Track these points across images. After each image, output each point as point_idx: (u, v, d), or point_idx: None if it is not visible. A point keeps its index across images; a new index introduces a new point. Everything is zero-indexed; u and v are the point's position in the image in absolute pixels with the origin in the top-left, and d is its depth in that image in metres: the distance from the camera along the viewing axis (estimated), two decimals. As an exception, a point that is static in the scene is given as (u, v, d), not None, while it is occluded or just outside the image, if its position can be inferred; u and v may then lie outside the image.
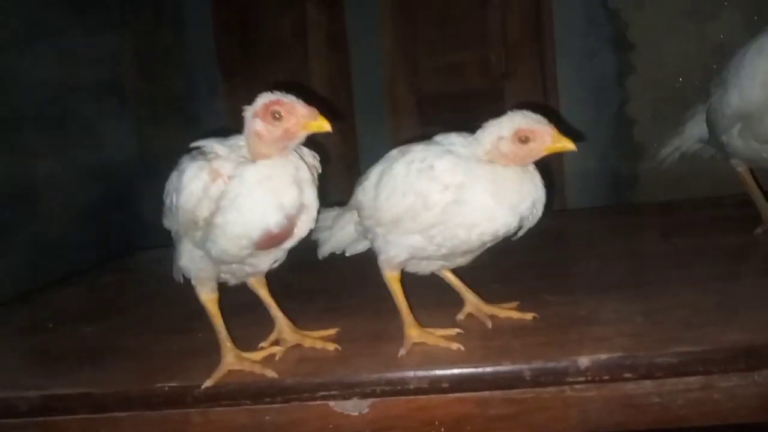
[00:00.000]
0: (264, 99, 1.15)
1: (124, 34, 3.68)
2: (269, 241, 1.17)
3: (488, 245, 1.26)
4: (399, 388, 1.13)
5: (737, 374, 1.10)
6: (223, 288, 1.33)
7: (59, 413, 1.19)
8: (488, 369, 1.13)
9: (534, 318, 1.32)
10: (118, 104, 3.67)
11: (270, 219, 1.14)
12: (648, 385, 1.12)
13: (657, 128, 2.22)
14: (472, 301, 1.38)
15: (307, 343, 1.31)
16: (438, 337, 1.25)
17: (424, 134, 3.67)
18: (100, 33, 3.51)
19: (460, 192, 1.17)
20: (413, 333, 1.25)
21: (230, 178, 1.14)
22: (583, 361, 1.10)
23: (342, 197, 1.55)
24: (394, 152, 1.30)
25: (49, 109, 2.80)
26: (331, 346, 1.28)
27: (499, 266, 1.45)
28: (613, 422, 1.16)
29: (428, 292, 1.39)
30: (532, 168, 1.21)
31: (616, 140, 2.82)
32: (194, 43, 4.09)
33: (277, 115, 1.12)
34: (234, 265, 1.26)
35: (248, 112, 1.16)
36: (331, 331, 1.36)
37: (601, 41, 2.76)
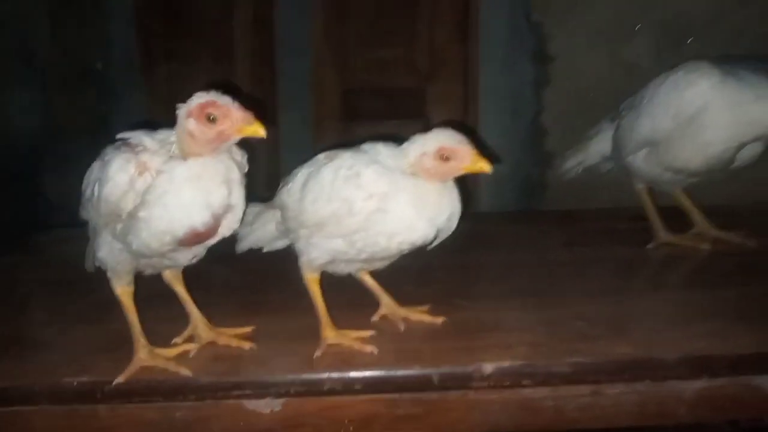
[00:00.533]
0: (199, 99, 1.13)
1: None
2: (194, 238, 1.17)
3: (405, 252, 1.31)
4: (313, 389, 1.17)
5: (622, 383, 1.21)
6: (137, 279, 1.31)
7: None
8: (399, 372, 1.19)
9: (443, 322, 1.39)
10: (25, 70, 3.46)
11: (196, 218, 1.14)
12: (544, 390, 1.21)
13: (567, 139, 2.33)
14: (387, 304, 1.43)
15: (222, 340, 1.31)
16: (353, 339, 1.29)
17: (346, 127, 3.66)
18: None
19: (384, 201, 1.21)
20: (329, 334, 1.29)
21: (158, 173, 1.13)
22: (488, 367, 1.17)
23: (261, 187, 1.54)
24: (321, 157, 1.32)
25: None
26: (247, 345, 1.29)
27: (412, 268, 1.51)
28: (511, 423, 1.25)
29: (344, 293, 1.42)
30: (451, 183, 1.27)
31: (529, 148, 2.95)
32: (114, 12, 3.90)
33: (211, 117, 1.12)
34: (153, 259, 1.25)
35: (182, 110, 1.15)
36: (247, 329, 1.37)
37: (523, 51, 2.86)
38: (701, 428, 1.42)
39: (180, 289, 1.36)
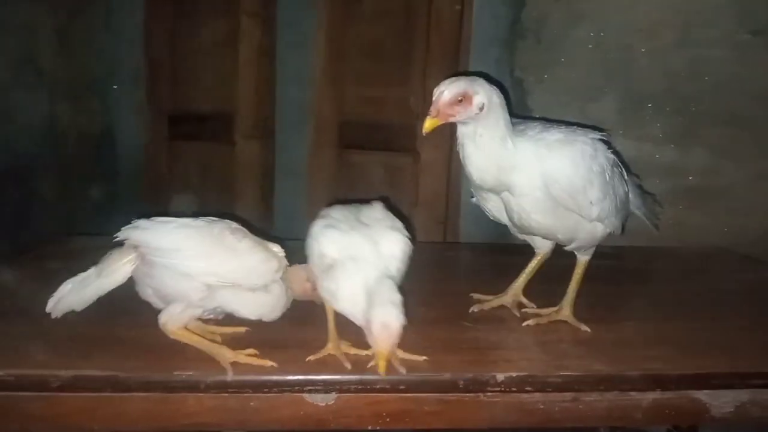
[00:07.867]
0: None
1: (42, 6, 3.65)
2: None
3: None
4: (366, 386, 1.50)
5: (596, 392, 1.57)
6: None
7: (86, 391, 1.43)
8: (433, 377, 1.52)
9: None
10: (33, 78, 3.63)
11: None
12: (538, 396, 1.57)
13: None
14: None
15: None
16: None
17: (341, 155, 3.95)
18: (15, 1, 3.48)
19: None
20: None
21: None
22: (500, 376, 1.52)
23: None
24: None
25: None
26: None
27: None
28: (508, 421, 1.60)
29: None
30: None
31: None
32: (122, 28, 4.10)
33: None
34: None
35: None
36: (240, 329, 1.70)
37: (506, 103, 3.24)
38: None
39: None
